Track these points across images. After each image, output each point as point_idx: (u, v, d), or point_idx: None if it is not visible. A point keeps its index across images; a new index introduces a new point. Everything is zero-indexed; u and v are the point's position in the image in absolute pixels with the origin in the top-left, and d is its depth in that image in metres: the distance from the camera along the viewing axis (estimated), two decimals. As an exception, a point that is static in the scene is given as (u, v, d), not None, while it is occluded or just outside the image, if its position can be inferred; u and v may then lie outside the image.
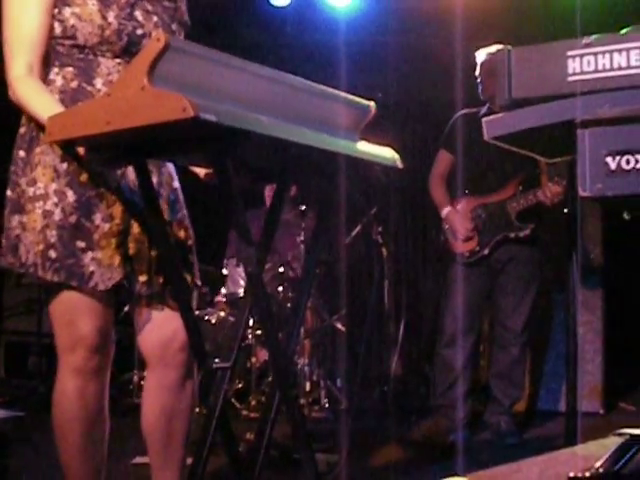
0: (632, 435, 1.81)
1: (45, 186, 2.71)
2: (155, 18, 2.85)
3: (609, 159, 1.94)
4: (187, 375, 2.96)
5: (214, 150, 2.16)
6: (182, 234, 2.94)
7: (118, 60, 2.77)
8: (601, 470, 1.71)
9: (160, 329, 2.89)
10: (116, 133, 2.09)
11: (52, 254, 2.68)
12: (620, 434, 1.85)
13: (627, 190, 1.93)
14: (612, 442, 1.82)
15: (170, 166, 2.96)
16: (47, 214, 2.70)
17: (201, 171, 2.93)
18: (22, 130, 2.80)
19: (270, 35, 8.10)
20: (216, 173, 2.50)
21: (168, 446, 2.95)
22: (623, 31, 2.03)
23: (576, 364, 2.52)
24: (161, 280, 2.83)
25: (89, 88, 2.75)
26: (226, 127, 2.00)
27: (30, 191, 2.72)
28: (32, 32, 2.71)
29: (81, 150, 2.42)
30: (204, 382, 2.35)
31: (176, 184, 2.97)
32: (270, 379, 6.04)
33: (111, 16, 2.74)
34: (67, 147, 2.41)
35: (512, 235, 5.27)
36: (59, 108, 2.60)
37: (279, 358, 2.42)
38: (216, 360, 2.41)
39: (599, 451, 1.82)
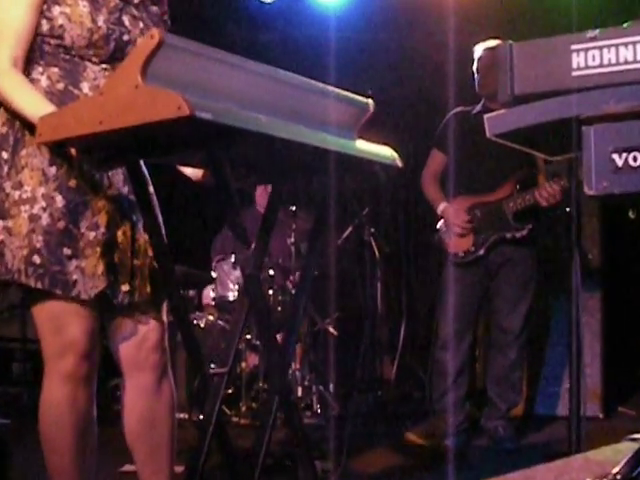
0: (648, 440, 1.80)
1: (32, 189, 2.68)
2: (141, 24, 2.84)
3: (615, 156, 1.94)
4: (163, 376, 2.96)
5: (210, 149, 2.16)
6: None
7: (104, 66, 2.76)
8: (619, 476, 1.70)
9: (132, 333, 2.89)
10: (109, 133, 2.09)
11: (36, 259, 2.66)
12: (634, 439, 1.84)
13: (634, 187, 1.93)
14: (627, 447, 1.81)
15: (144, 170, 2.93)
16: (34, 218, 2.67)
17: (193, 172, 2.93)
18: (3, 130, 2.77)
19: (257, 32, 8.09)
20: (212, 173, 2.49)
21: (154, 453, 2.95)
22: (625, 25, 2.03)
23: (580, 367, 2.52)
24: (144, 289, 2.83)
25: (76, 92, 2.72)
26: (222, 126, 2.00)
27: (15, 195, 2.69)
28: (20, 27, 2.68)
29: (73, 151, 2.41)
30: (201, 388, 2.35)
31: (151, 189, 2.95)
32: (261, 384, 6.04)
33: (101, 20, 2.73)
34: (58, 148, 2.39)
35: (509, 235, 5.26)
36: (47, 105, 2.58)
37: (277, 363, 2.42)
38: (212, 365, 2.41)
39: (615, 456, 1.81)
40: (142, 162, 2.58)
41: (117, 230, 2.78)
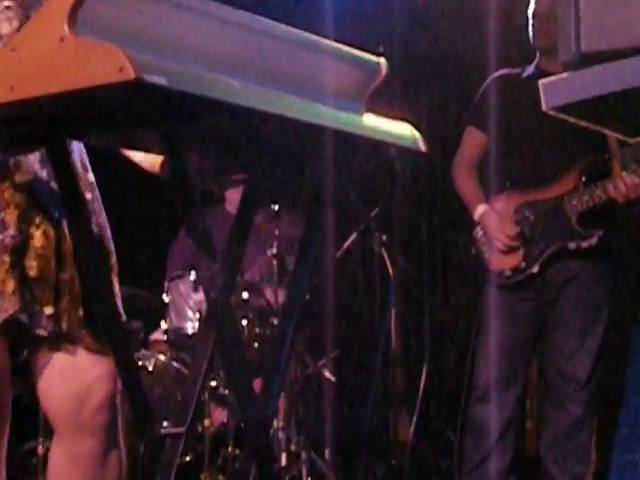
0: None
1: None
2: None
3: None
4: (109, 444, 2.93)
5: (163, 127, 2.16)
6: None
7: (7, 3, 2.73)
8: None
9: (71, 380, 2.86)
10: (25, 103, 2.08)
11: None
12: None
13: None
14: None
15: (82, 150, 2.91)
16: None
17: (144, 158, 2.92)
18: None
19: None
20: (167, 158, 2.50)
21: None
22: None
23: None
24: (74, 312, 2.80)
25: (-32, 42, 2.72)
26: (181, 93, 2.00)
27: None
28: None
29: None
30: (149, 454, 2.35)
31: (91, 176, 2.93)
32: (230, 449, 6.04)
33: None
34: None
35: (572, 245, 5.26)
36: None
37: (253, 420, 2.42)
38: (164, 424, 2.40)
39: None
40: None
41: (33, 230, 2.74)
